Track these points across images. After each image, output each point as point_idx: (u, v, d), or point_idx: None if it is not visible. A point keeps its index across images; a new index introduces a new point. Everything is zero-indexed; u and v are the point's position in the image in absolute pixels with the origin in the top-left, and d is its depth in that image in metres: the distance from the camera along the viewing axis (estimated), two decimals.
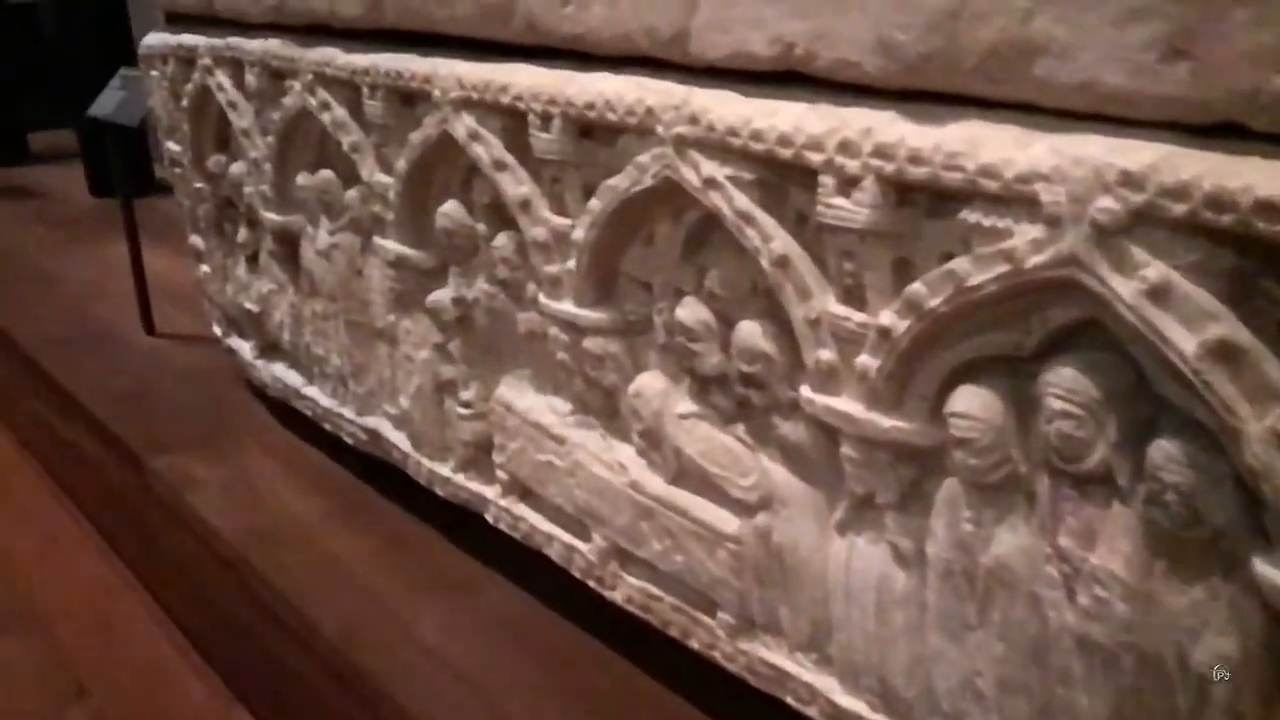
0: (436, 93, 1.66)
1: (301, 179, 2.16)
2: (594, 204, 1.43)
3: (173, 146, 2.68)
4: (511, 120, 1.56)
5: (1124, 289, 0.89)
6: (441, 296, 1.83)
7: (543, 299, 1.59)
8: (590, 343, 1.53)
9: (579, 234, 1.47)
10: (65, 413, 3.04)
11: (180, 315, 3.44)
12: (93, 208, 5.26)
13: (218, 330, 2.83)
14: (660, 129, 1.29)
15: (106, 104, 3.20)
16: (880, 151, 1.06)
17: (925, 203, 1.07)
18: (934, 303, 1.04)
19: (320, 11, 1.93)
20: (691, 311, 1.36)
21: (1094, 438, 0.96)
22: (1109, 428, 0.95)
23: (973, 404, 1.05)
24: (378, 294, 2.04)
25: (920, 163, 1.03)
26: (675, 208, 1.36)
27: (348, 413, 2.23)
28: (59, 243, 4.57)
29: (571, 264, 1.51)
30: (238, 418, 2.71)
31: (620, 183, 1.38)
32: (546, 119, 1.46)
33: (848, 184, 1.09)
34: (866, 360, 1.12)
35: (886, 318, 1.09)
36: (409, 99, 1.78)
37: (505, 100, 1.53)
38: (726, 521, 1.39)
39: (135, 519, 2.67)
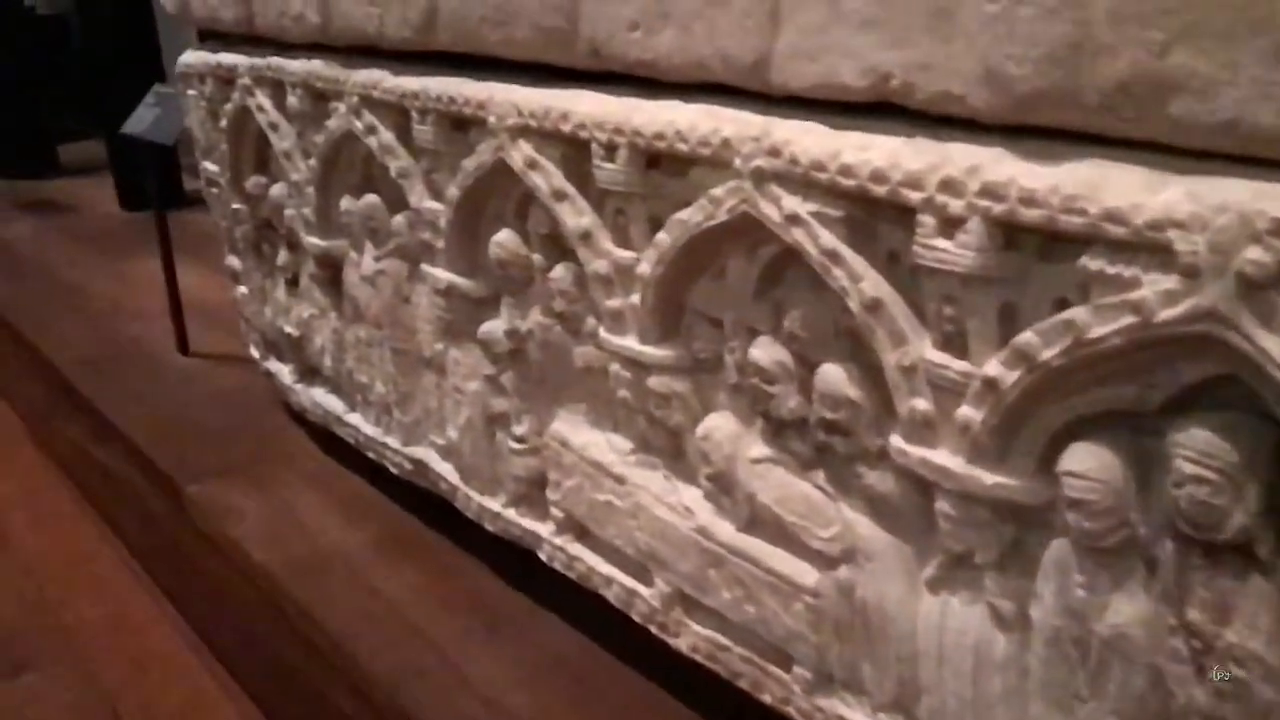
0: (492, 119, 1.59)
1: (345, 203, 2.11)
2: (662, 238, 1.37)
3: (210, 166, 2.63)
4: (572, 149, 1.49)
5: (1275, 347, 0.81)
6: (494, 328, 1.77)
7: (603, 334, 1.52)
8: (655, 381, 1.46)
9: (645, 268, 1.40)
10: (99, 435, 3.00)
11: (215, 334, 3.39)
12: (123, 222, 5.24)
13: (255, 353, 2.78)
14: (738, 161, 1.22)
15: (141, 122, 3.16)
16: (988, 191, 0.99)
17: (1035, 246, 1.00)
18: (1047, 354, 0.97)
19: (366, 32, 1.87)
20: (767, 352, 1.29)
21: (1231, 506, 0.88)
22: (1249, 495, 0.88)
23: (1089, 463, 0.98)
24: (425, 322, 1.98)
25: (1034, 205, 0.95)
26: (750, 242, 1.29)
27: (392, 442, 2.17)
28: (90, 258, 4.55)
29: (635, 299, 1.44)
30: (277, 443, 2.65)
31: (692, 216, 1.31)
32: (611, 149, 1.40)
33: (950, 224, 1.02)
34: (969, 412, 1.05)
35: (992, 368, 1.02)
36: (461, 124, 1.71)
37: (566, 128, 1.46)
38: (805, 573, 1.32)
39: (172, 546, 2.62)
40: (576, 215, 1.50)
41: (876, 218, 1.13)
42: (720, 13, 1.20)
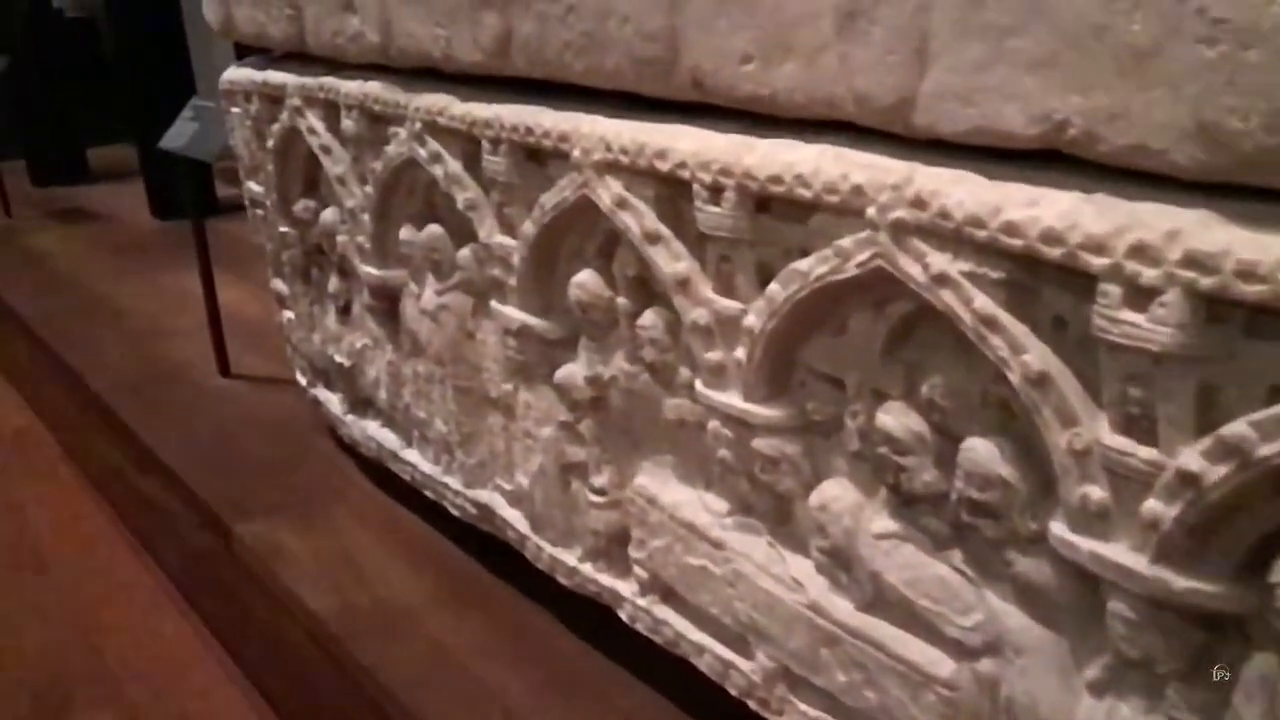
0: (576, 153, 1.47)
1: (405, 233, 1.99)
2: (775, 290, 1.24)
3: (255, 187, 2.52)
4: (668, 188, 1.37)
5: None
6: (572, 373, 1.65)
7: (700, 388, 1.39)
8: (762, 443, 1.33)
9: (753, 321, 1.28)
10: (139, 463, 2.90)
11: (256, 355, 3.29)
12: (156, 231, 5.16)
13: (303, 380, 2.67)
14: (872, 211, 1.09)
15: (179, 137, 3.06)
16: (1192, 260, 0.85)
17: (1243, 320, 0.87)
18: (1266, 450, 0.84)
19: (431, 55, 1.75)
20: (900, 420, 1.16)
21: None
22: None
23: None
24: (492, 361, 1.86)
25: (1254, 279, 0.82)
26: (879, 298, 1.16)
27: (453, 483, 2.06)
28: (124, 271, 4.46)
29: (741, 353, 1.31)
30: (327, 476, 2.54)
31: (813, 268, 1.18)
32: (717, 190, 1.27)
33: (1141, 296, 0.89)
34: (1158, 507, 0.92)
35: (1190, 459, 0.89)
36: (538, 155, 1.59)
37: (664, 167, 1.34)
38: (938, 662, 1.19)
39: (219, 583, 2.51)
40: (672, 260, 1.38)
41: (1040, 280, 1.00)
42: (856, 47, 1.08)
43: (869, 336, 1.20)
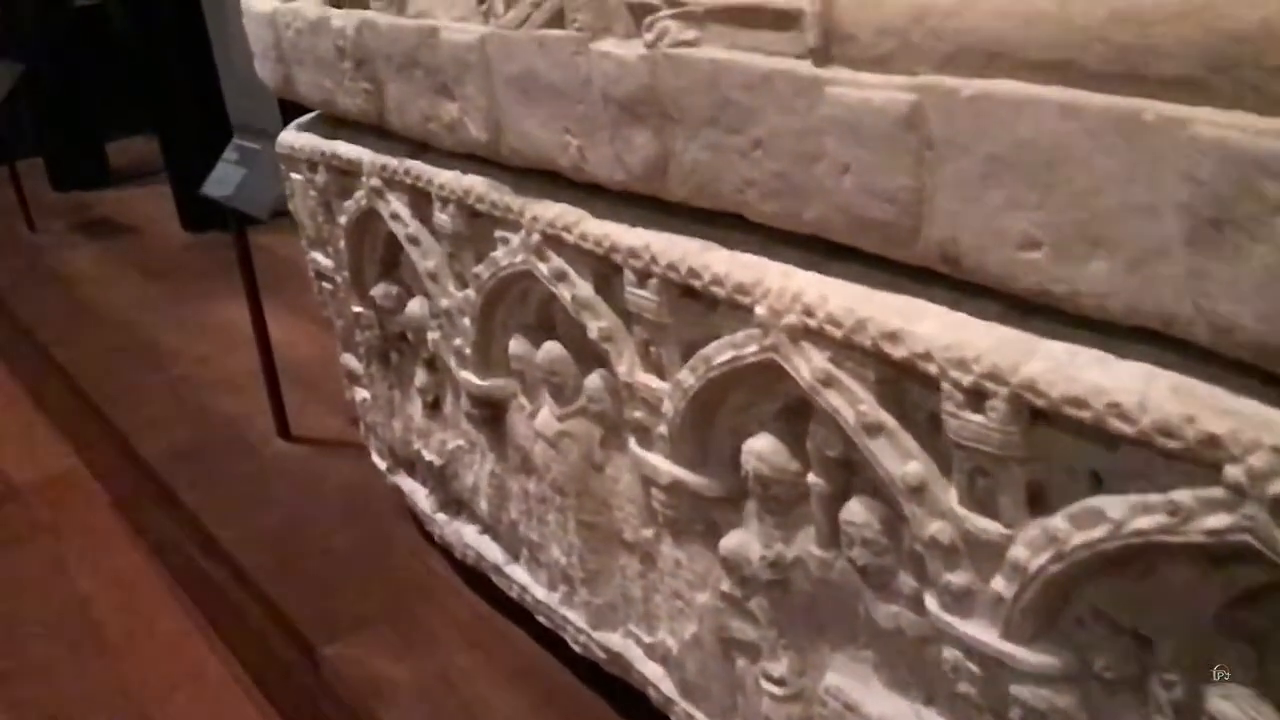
0: (761, 310, 1.20)
1: (516, 346, 1.73)
2: (1059, 525, 0.98)
3: (321, 260, 2.26)
4: (895, 371, 1.10)
5: None
6: (744, 548, 1.39)
7: (937, 610, 1.13)
8: (1025, 690, 1.08)
9: (1024, 554, 1.01)
10: (203, 546, 2.66)
11: (315, 407, 3.06)
12: (188, 247, 4.89)
13: (380, 463, 2.43)
14: (1237, 473, 0.83)
15: (224, 184, 2.78)
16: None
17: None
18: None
19: (555, 161, 1.47)
20: (1248, 713, 0.90)
21: None
22: None
23: None
24: (629, 502, 1.61)
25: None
26: (1214, 554, 0.90)
27: (574, 619, 1.82)
28: (161, 299, 4.20)
29: (1001, 585, 1.05)
30: (415, 576, 2.31)
31: (1131, 517, 0.92)
32: (978, 396, 1.00)
33: None
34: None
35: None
36: (699, 295, 1.32)
37: (895, 353, 1.07)
38: None
39: (302, 691, 2.28)
40: (901, 459, 1.11)
41: None
42: (1218, 263, 0.80)
43: (1196, 592, 0.94)
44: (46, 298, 4.41)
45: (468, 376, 1.85)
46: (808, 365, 1.17)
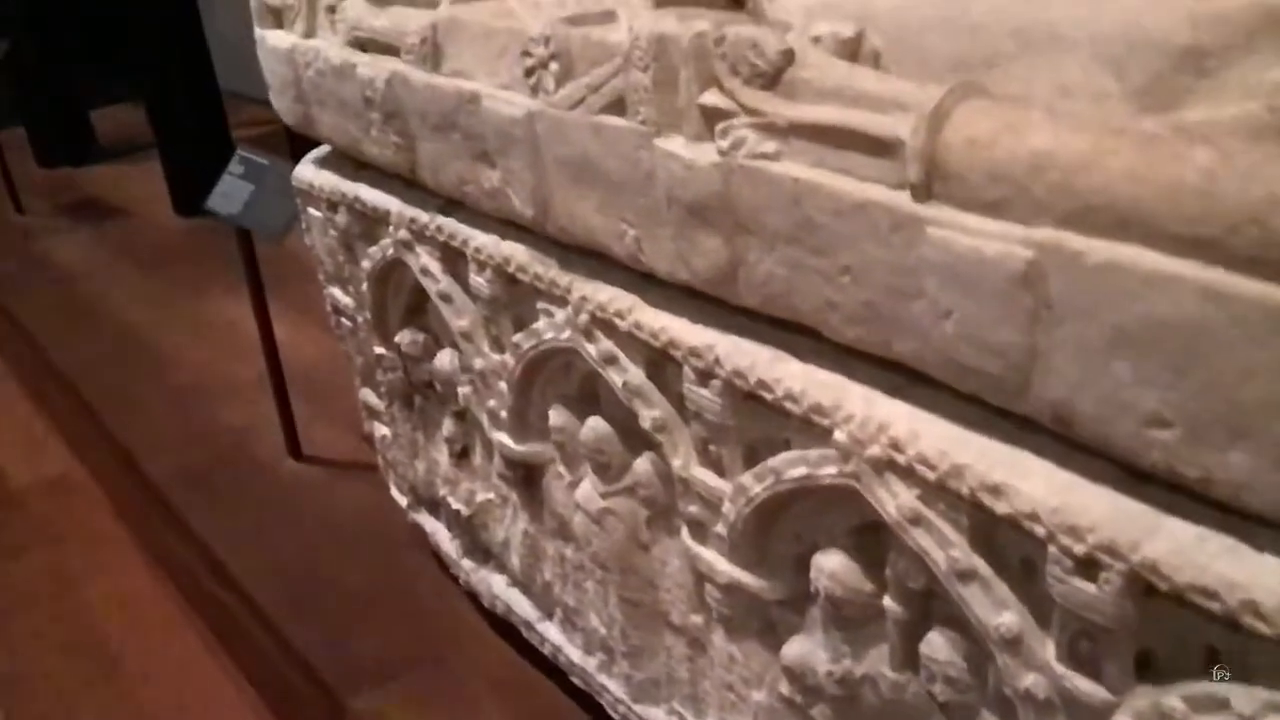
0: (840, 436, 1.14)
1: (558, 418, 1.66)
2: (1177, 706, 0.92)
3: (340, 297, 2.18)
4: (990, 517, 1.04)
5: None
6: (808, 658, 1.34)
7: None
8: None
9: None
10: (216, 574, 2.60)
11: (324, 421, 2.99)
12: (182, 233, 4.77)
13: (401, 499, 2.37)
14: None
15: (231, 200, 2.68)
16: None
17: None
18: None
19: (609, 247, 1.40)
20: None
21: None
22: None
23: None
24: (678, 586, 1.56)
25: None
26: None
27: (615, 689, 1.77)
28: (157, 294, 4.10)
29: None
30: (440, 619, 2.25)
31: None
32: (1091, 566, 0.95)
33: None
34: None
35: None
36: (761, 400, 1.25)
37: (996, 507, 1.01)
38: None
39: None
40: (995, 609, 1.06)
41: None
42: None
43: None
44: (40, 292, 4.30)
45: (503, 439, 1.79)
46: (893, 500, 1.11)
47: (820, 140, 1.07)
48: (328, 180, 2.01)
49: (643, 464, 1.53)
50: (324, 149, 2.11)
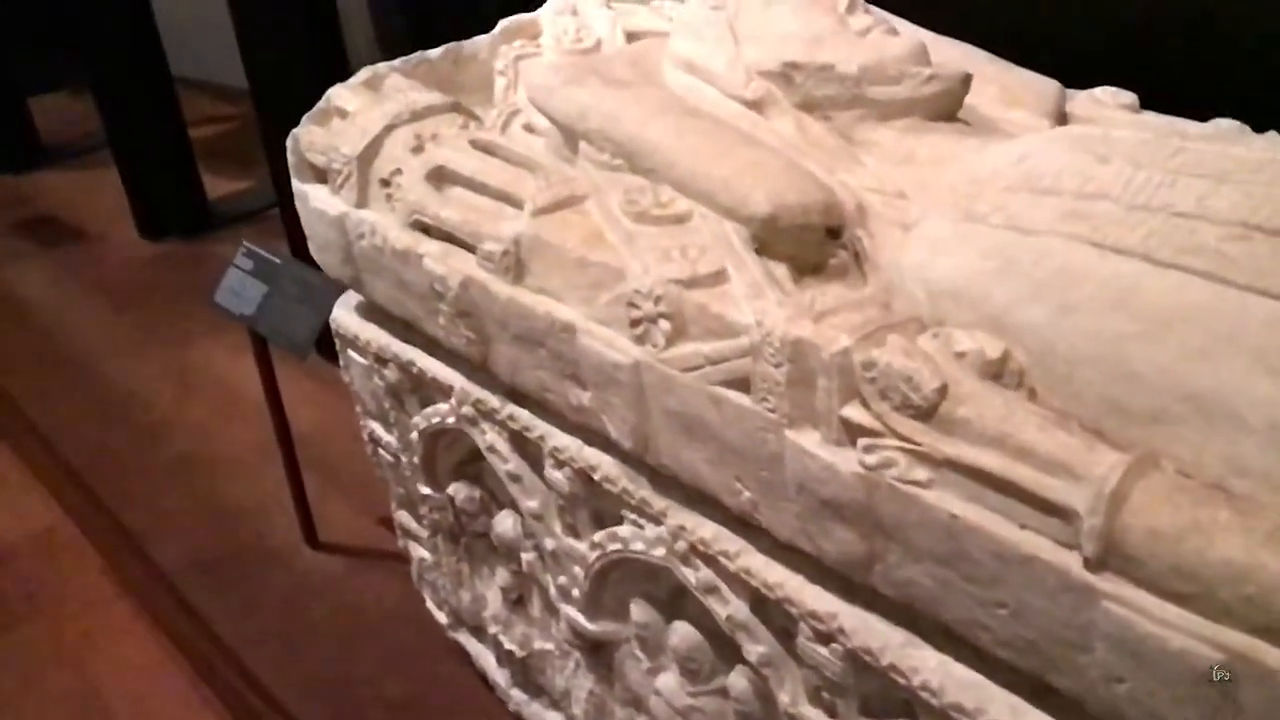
0: None
1: (641, 614, 1.68)
2: None
3: (382, 434, 2.15)
4: None
5: None
6: None
7: None
8: None
9: None
10: (252, 687, 2.58)
11: (338, 498, 2.96)
12: (152, 262, 4.62)
13: (440, 616, 2.37)
14: None
15: (242, 298, 2.61)
16: None
17: None
18: None
19: (718, 495, 1.40)
20: None
21: None
22: None
23: None
24: None
25: None
26: None
27: None
28: (139, 343, 3.98)
29: None
30: None
31: None
32: None
33: None
34: None
35: None
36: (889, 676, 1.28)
37: None
38: None
39: None
40: None
41: None
42: None
43: None
44: (4, 331, 4.15)
45: (574, 616, 1.80)
46: None
47: (980, 481, 1.08)
48: (375, 336, 1.98)
49: (740, 681, 1.55)
50: (369, 309, 2.03)
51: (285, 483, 2.89)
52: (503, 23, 2.10)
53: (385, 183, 1.77)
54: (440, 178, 1.72)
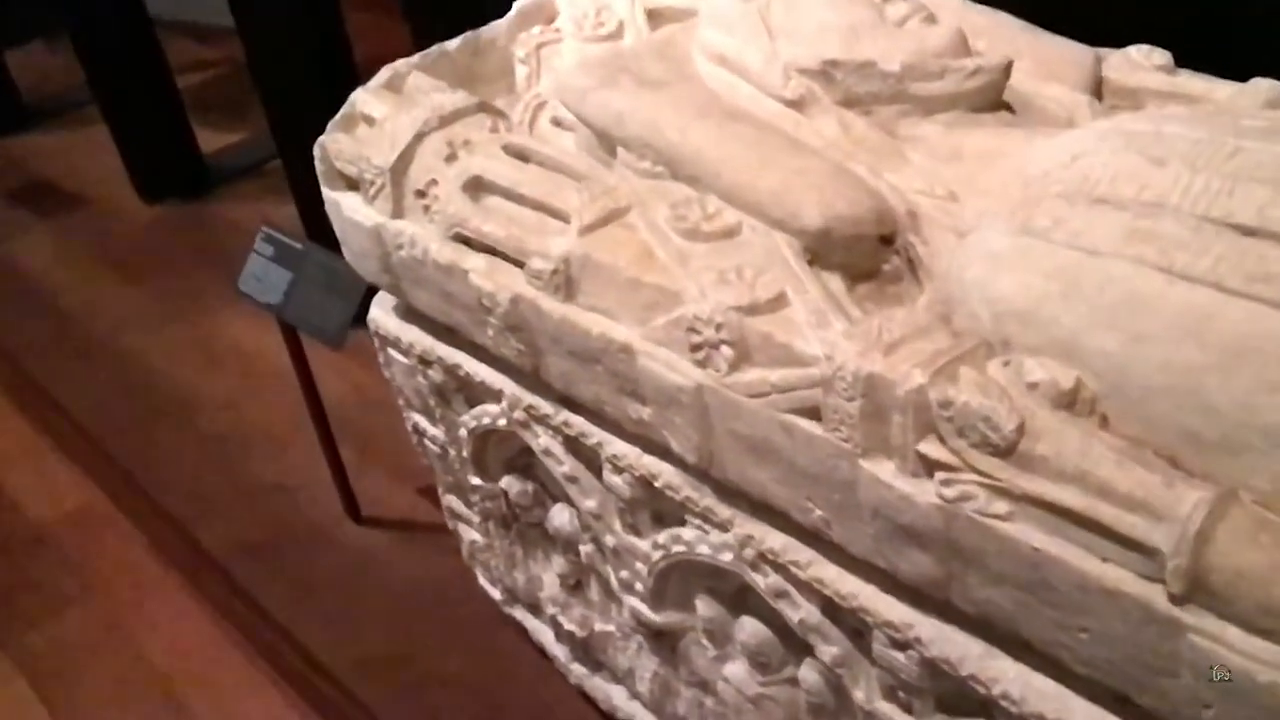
0: None
1: (707, 609, 1.73)
2: None
3: (427, 427, 2.18)
4: None
5: None
6: None
7: None
8: None
9: None
10: (313, 667, 2.65)
11: (376, 472, 2.97)
12: (156, 227, 4.56)
13: (493, 593, 2.42)
14: None
15: (267, 286, 2.60)
16: None
17: None
18: None
19: (786, 512, 1.43)
20: None
21: None
22: None
23: None
24: None
25: None
26: None
27: None
28: (153, 316, 3.95)
29: None
30: (557, 707, 2.33)
31: None
32: None
33: None
34: None
35: None
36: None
37: None
38: None
39: None
40: None
41: None
42: None
43: None
44: (14, 309, 4.13)
45: (638, 606, 1.84)
46: None
47: (1060, 516, 1.11)
48: (418, 338, 1.98)
49: (811, 674, 1.60)
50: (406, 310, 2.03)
51: (321, 457, 2.92)
52: (518, 4, 2.06)
53: (421, 193, 1.76)
54: (477, 187, 1.71)
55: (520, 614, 2.36)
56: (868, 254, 1.43)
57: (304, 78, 3.40)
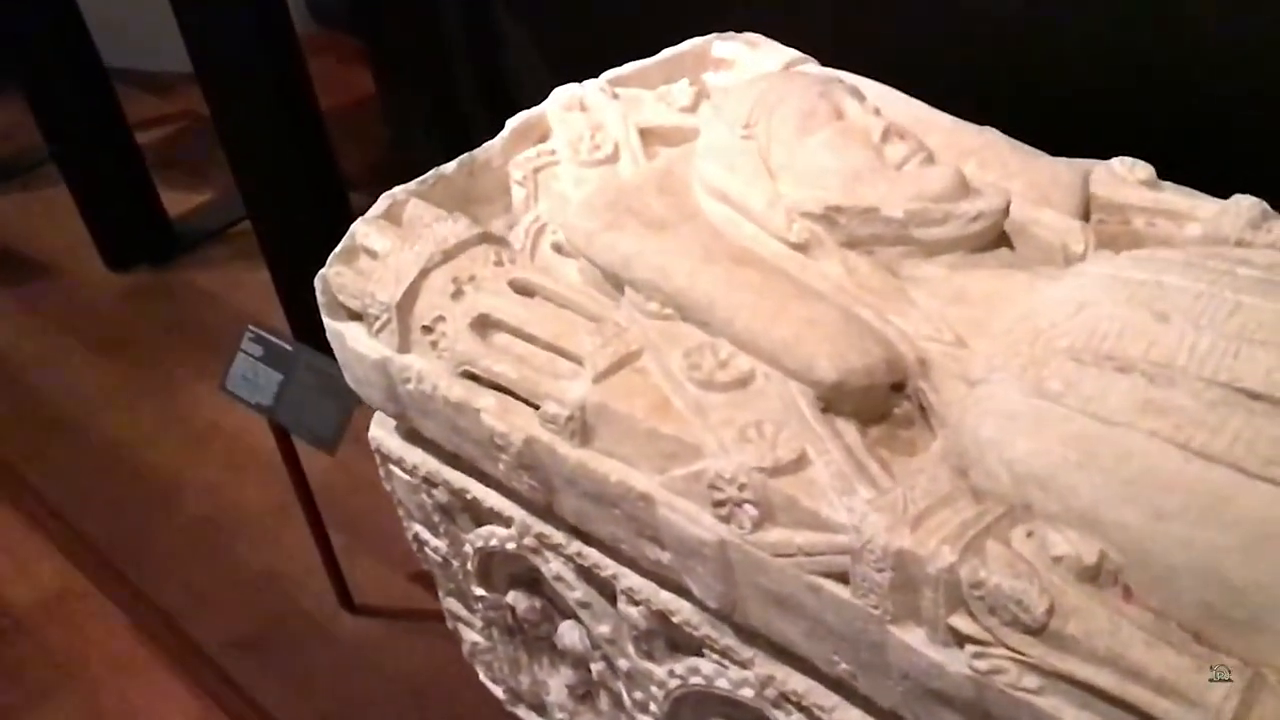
0: None
1: None
2: None
3: (429, 538, 2.18)
4: None
5: None
6: None
7: None
8: None
9: None
10: None
11: (366, 558, 2.97)
12: (124, 298, 4.49)
13: (497, 692, 2.42)
14: None
15: (256, 387, 2.60)
16: None
17: None
18: None
19: (817, 665, 1.45)
20: None
21: None
22: None
23: None
24: None
25: None
26: None
27: None
28: (128, 392, 3.90)
29: None
30: None
31: None
32: None
33: None
34: None
35: None
36: None
37: None
38: None
39: None
40: None
41: None
42: None
43: None
44: None
45: None
46: None
47: (1092, 694, 1.15)
48: (423, 460, 1.99)
49: None
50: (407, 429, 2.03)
51: (310, 541, 2.92)
52: (511, 123, 2.08)
53: (428, 329, 1.77)
54: (485, 325, 1.73)
55: (524, 713, 2.37)
56: (879, 401, 1.46)
57: (270, 131, 3.35)
